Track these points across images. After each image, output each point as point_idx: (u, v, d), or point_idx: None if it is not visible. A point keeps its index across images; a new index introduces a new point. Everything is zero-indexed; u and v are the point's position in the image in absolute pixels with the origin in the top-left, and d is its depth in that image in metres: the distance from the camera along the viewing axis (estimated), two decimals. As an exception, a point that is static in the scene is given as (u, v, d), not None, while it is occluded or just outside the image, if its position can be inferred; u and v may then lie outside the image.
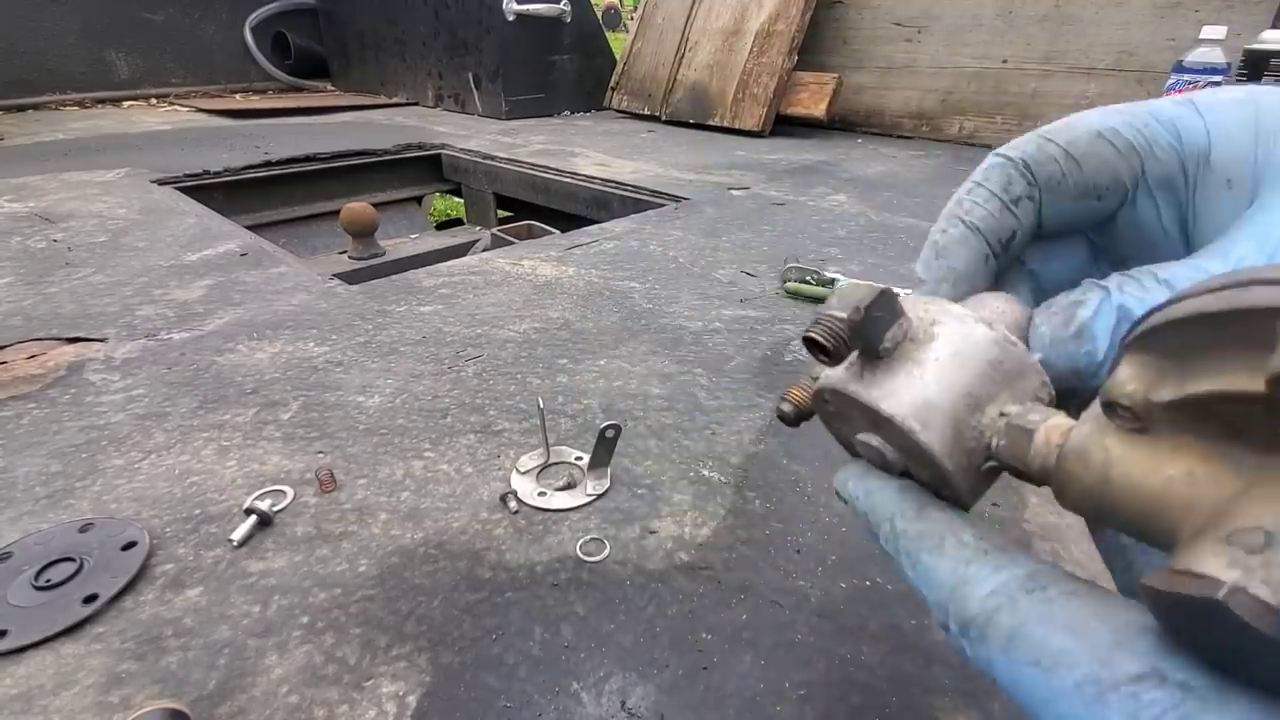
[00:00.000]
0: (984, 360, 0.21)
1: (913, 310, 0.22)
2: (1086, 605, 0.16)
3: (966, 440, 0.21)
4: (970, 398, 0.20)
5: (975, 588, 0.18)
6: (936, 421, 0.20)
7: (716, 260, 1.22)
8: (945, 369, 0.20)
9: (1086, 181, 0.23)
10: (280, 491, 0.61)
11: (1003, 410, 0.20)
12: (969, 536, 0.20)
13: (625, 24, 9.19)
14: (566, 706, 0.43)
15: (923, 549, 0.20)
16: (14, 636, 0.47)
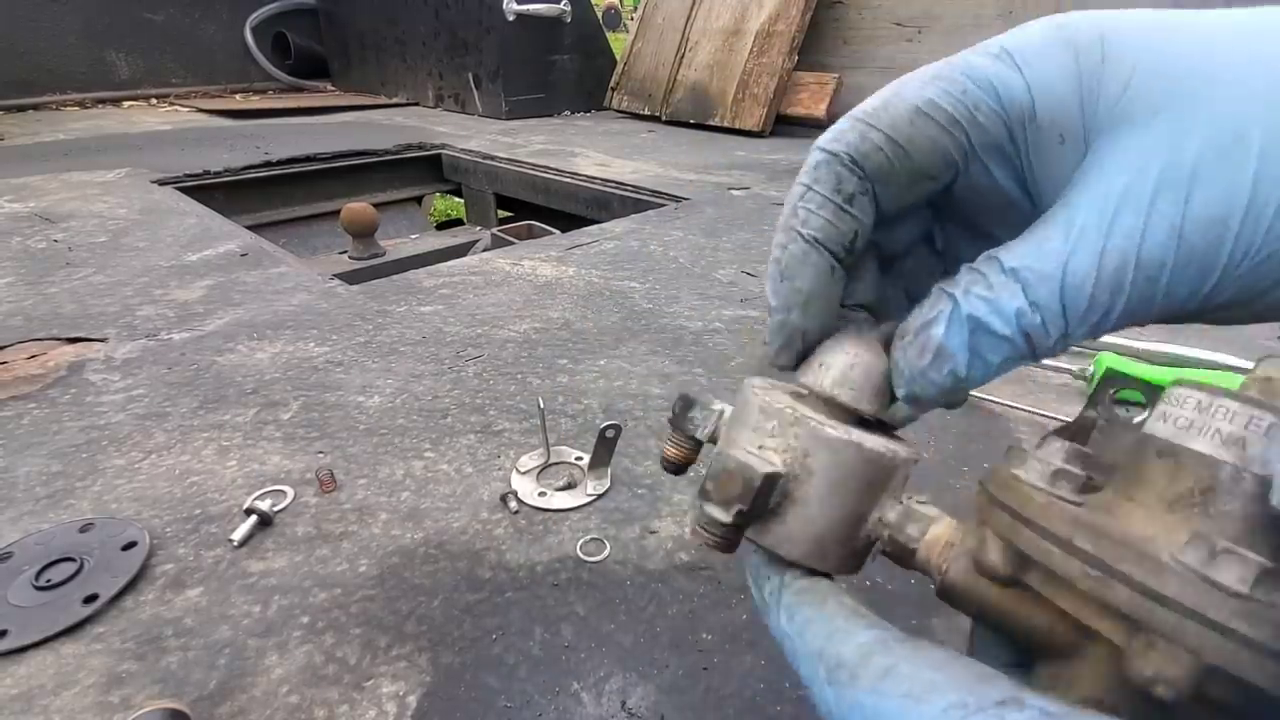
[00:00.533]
0: (860, 482, 0.22)
1: (780, 431, 0.22)
2: (952, 655, 0.17)
3: (855, 546, 0.23)
4: (853, 519, 0.22)
5: (852, 635, 0.19)
6: (831, 554, 0.22)
7: (717, 260, 1.22)
8: (827, 504, 0.22)
9: (916, 167, 0.22)
10: (280, 491, 0.61)
11: (882, 518, 0.22)
12: (848, 600, 0.21)
13: (625, 24, 9.19)
14: (567, 706, 0.43)
15: (805, 603, 0.21)
16: (14, 636, 0.47)
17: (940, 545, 0.21)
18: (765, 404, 0.23)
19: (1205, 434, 0.17)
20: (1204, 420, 0.17)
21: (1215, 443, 0.16)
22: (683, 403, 0.26)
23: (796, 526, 0.22)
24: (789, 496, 0.22)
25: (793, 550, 0.23)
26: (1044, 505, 0.17)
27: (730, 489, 0.21)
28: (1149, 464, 0.18)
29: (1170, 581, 0.14)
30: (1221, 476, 0.16)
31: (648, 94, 2.83)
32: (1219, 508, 0.16)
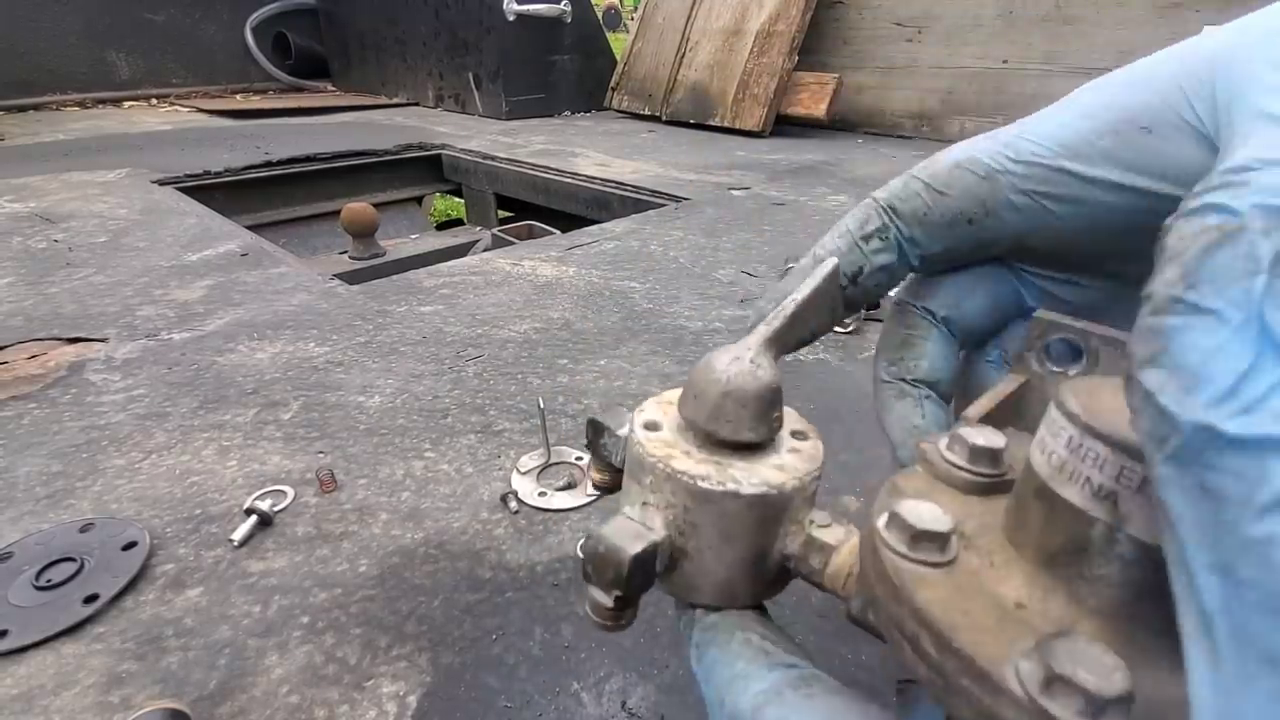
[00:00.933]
0: (750, 525, 0.21)
1: (658, 487, 0.21)
2: (845, 702, 0.17)
3: (767, 577, 0.22)
4: (755, 558, 0.21)
5: (750, 683, 0.19)
6: (742, 592, 0.22)
7: (717, 260, 1.22)
8: (723, 553, 0.21)
9: (952, 208, 0.24)
10: (281, 491, 0.61)
11: (783, 551, 0.21)
12: (755, 636, 0.21)
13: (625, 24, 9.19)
14: (567, 706, 0.43)
15: (713, 643, 0.21)
16: (14, 636, 0.47)
17: (843, 577, 0.20)
18: (640, 455, 0.21)
19: (1076, 481, 0.15)
20: (1074, 464, 0.15)
21: (1085, 494, 0.15)
22: (593, 429, 0.25)
23: (697, 576, 0.22)
24: (682, 551, 0.21)
25: (701, 596, 0.22)
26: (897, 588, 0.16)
27: (605, 574, 0.20)
28: (1029, 504, 0.16)
29: (1005, 707, 0.13)
30: (1093, 536, 0.15)
31: (648, 94, 2.83)
32: (1094, 571, 0.15)
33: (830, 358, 0.88)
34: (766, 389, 0.21)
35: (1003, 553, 0.16)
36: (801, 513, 0.21)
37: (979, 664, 0.14)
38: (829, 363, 0.87)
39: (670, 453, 0.21)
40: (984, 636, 0.14)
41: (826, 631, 0.48)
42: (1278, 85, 0.16)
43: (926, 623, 0.15)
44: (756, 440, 0.21)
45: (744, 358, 0.21)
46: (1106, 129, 0.21)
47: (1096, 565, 0.15)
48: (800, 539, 0.21)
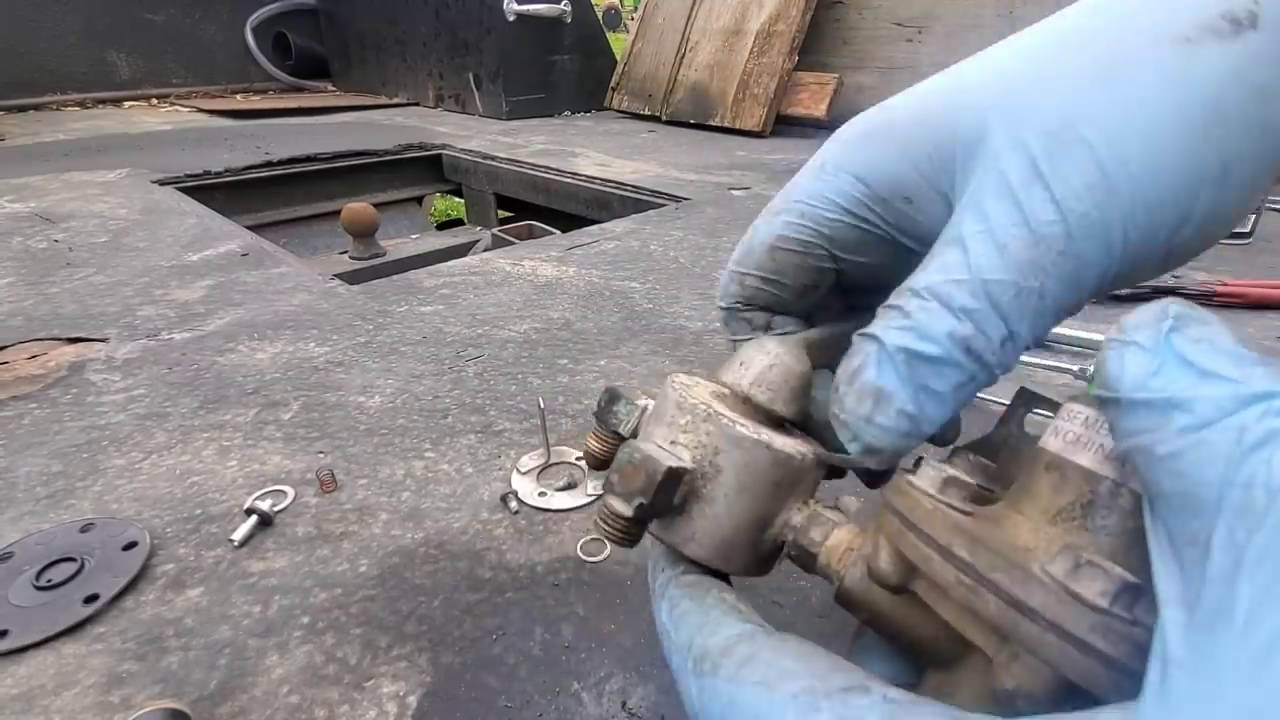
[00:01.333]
0: (768, 484, 0.22)
1: (693, 427, 0.22)
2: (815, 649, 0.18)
3: (761, 550, 0.23)
4: (760, 520, 0.22)
5: (723, 628, 0.20)
6: (736, 557, 0.23)
7: (717, 260, 1.22)
8: (734, 504, 0.22)
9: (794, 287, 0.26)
10: (281, 491, 0.61)
11: (788, 522, 0.22)
12: (731, 596, 0.22)
13: (625, 24, 9.19)
14: (567, 706, 0.43)
15: (688, 595, 0.22)
16: (15, 636, 0.47)
17: (840, 551, 0.21)
18: (681, 399, 0.23)
19: (1090, 449, 0.17)
20: (1090, 436, 0.17)
21: (1098, 458, 0.17)
22: (608, 396, 0.26)
23: (702, 525, 0.22)
24: (696, 493, 0.22)
25: (697, 550, 0.22)
26: (930, 512, 0.17)
27: (633, 482, 0.21)
28: (1038, 477, 0.18)
29: (1035, 592, 0.14)
30: (1101, 491, 0.16)
31: (648, 94, 2.83)
32: (1097, 521, 0.16)
33: (830, 358, 0.88)
34: (804, 373, 0.24)
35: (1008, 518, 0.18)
36: (810, 493, 0.23)
37: (1010, 556, 0.15)
38: (829, 363, 0.87)
39: (710, 400, 0.23)
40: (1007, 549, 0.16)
41: (826, 631, 0.48)
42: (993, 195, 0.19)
43: (961, 530, 0.16)
44: (786, 415, 0.24)
45: (791, 344, 0.24)
46: (878, 198, 0.23)
47: (1100, 516, 0.16)
48: (806, 513, 0.22)
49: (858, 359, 0.21)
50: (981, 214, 0.19)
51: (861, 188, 0.23)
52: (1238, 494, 0.12)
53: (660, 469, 0.21)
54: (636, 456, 0.21)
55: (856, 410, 0.20)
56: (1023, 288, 0.19)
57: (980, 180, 0.20)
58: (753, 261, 0.26)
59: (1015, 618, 0.15)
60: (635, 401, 0.26)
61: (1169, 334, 0.14)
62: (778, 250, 0.25)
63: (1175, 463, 0.13)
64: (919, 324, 0.19)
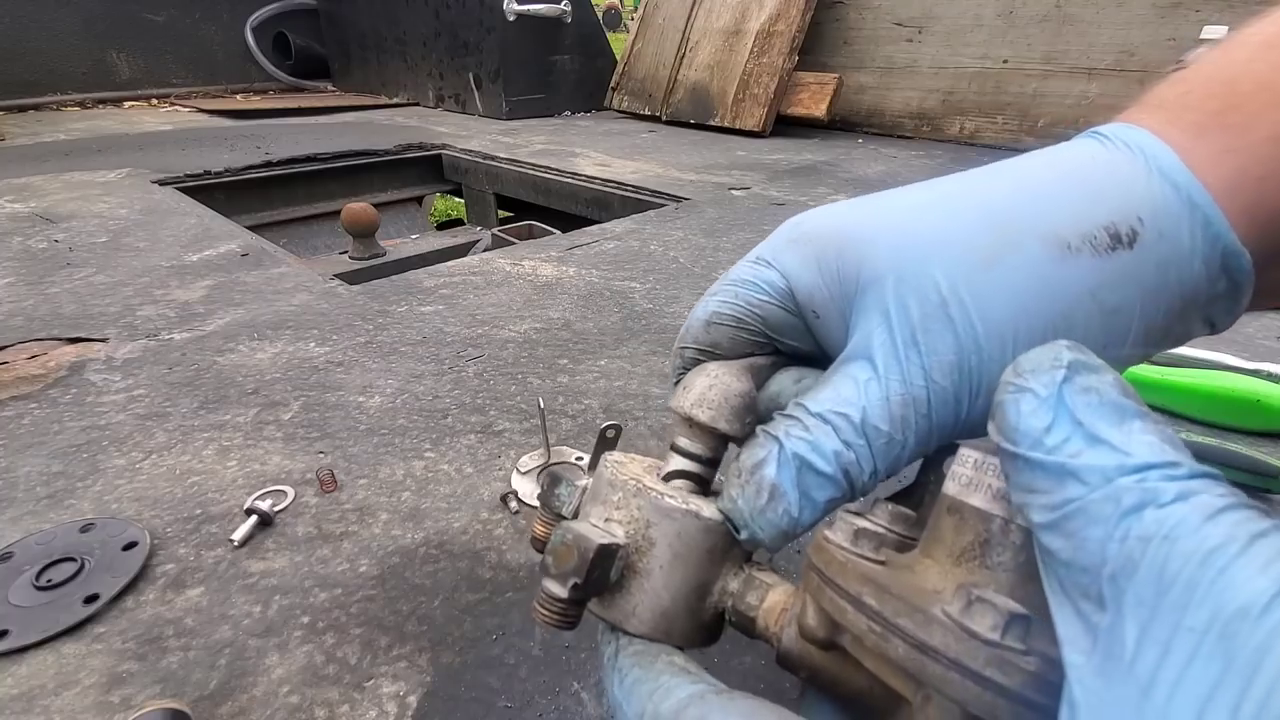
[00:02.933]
0: (701, 551, 0.22)
1: (624, 503, 0.23)
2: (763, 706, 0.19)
3: (703, 618, 0.23)
4: (698, 589, 0.23)
5: (673, 692, 0.20)
6: (678, 628, 0.23)
7: (717, 260, 1.22)
8: (671, 575, 0.22)
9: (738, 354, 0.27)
10: (281, 491, 0.61)
11: (725, 588, 0.23)
12: (679, 660, 0.22)
13: (626, 24, 9.19)
14: (567, 706, 0.43)
15: (637, 664, 0.22)
16: (15, 636, 0.47)
17: (776, 612, 0.22)
18: (613, 477, 0.23)
19: (981, 490, 0.18)
20: (979, 477, 0.18)
21: (988, 497, 0.18)
22: (549, 479, 0.27)
23: (641, 599, 0.23)
24: (632, 568, 0.23)
25: (639, 625, 0.23)
26: (842, 565, 0.18)
27: (566, 562, 0.21)
28: (942, 521, 0.19)
29: (936, 633, 0.15)
30: (993, 529, 0.18)
31: (648, 94, 2.83)
32: (994, 559, 0.17)
33: (830, 358, 0.88)
34: (746, 391, 0.24)
35: (920, 564, 0.19)
36: (745, 556, 0.24)
37: (913, 601, 0.16)
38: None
39: (641, 475, 0.24)
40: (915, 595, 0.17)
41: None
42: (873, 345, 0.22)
43: (869, 580, 0.18)
44: (729, 432, 0.24)
45: (731, 366, 0.25)
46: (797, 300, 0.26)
47: (996, 554, 0.17)
48: (741, 577, 0.23)
49: (760, 453, 0.23)
50: (871, 363, 0.22)
51: (785, 283, 0.26)
52: (1114, 548, 0.14)
53: (592, 547, 0.21)
54: (569, 537, 0.21)
55: (753, 502, 0.22)
56: (894, 440, 0.22)
57: (871, 327, 0.23)
58: (690, 337, 0.28)
59: (921, 659, 0.16)
60: (576, 483, 0.26)
61: (1061, 384, 0.16)
62: (713, 325, 0.27)
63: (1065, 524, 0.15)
64: (815, 440, 0.22)
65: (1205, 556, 0.13)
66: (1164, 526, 0.13)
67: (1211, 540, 0.13)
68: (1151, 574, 0.13)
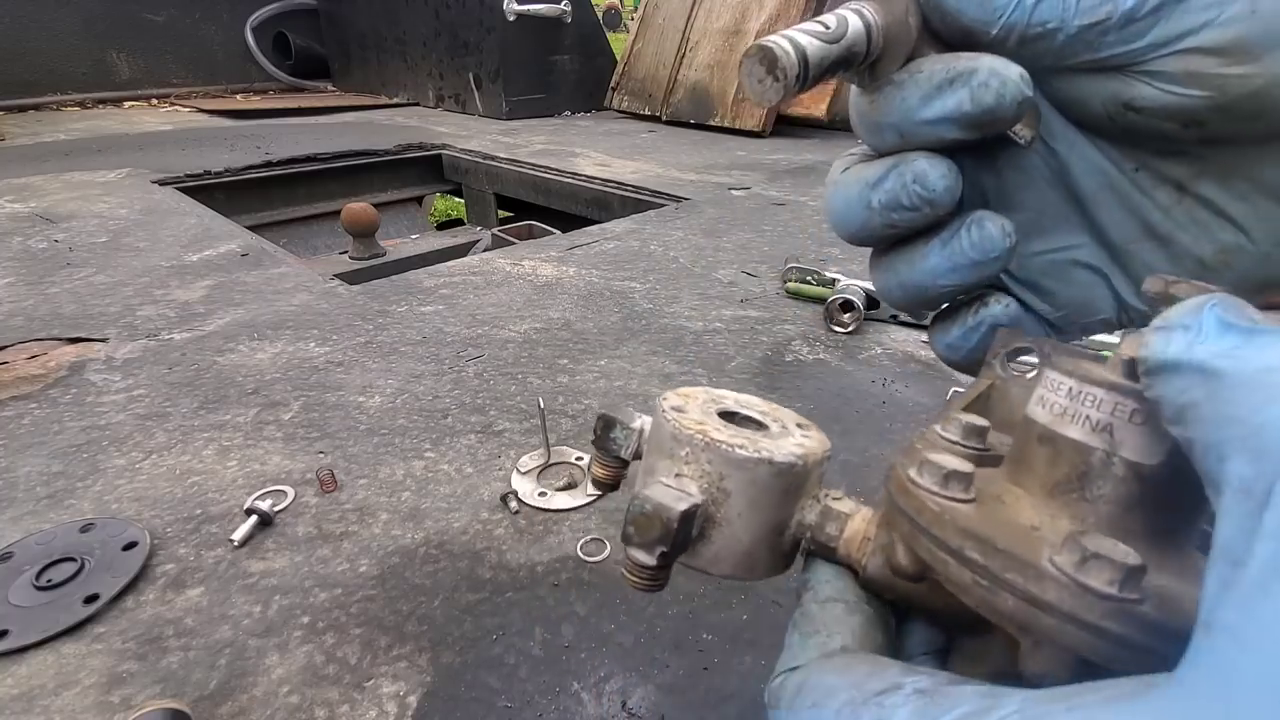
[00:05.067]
0: (776, 494, 0.23)
1: (694, 457, 0.23)
2: (856, 658, 0.19)
3: (781, 550, 0.24)
4: (776, 528, 0.23)
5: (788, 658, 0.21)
6: (760, 565, 0.24)
7: (717, 260, 1.22)
8: (749, 521, 0.23)
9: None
10: (281, 491, 0.61)
11: (801, 521, 0.23)
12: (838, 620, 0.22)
13: (626, 24, 9.18)
14: (567, 706, 0.43)
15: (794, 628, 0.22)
16: (15, 636, 0.47)
17: (858, 541, 0.22)
18: (676, 431, 0.23)
19: (1077, 421, 0.18)
20: (1075, 407, 0.18)
21: (1086, 429, 0.18)
22: (603, 423, 0.26)
23: (723, 545, 0.23)
24: (711, 519, 0.23)
25: (724, 568, 0.23)
26: (937, 515, 0.18)
27: (650, 531, 0.21)
28: (1031, 448, 0.19)
29: (1049, 588, 0.15)
30: (1093, 462, 0.17)
31: (648, 94, 2.83)
32: (1094, 492, 0.17)
33: (830, 358, 0.88)
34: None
35: (1010, 494, 0.19)
36: (817, 488, 0.24)
37: (1022, 556, 0.16)
38: (829, 363, 0.87)
39: (704, 428, 0.23)
40: (1017, 543, 0.16)
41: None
42: None
43: (971, 534, 0.17)
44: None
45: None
46: None
47: (1096, 487, 0.17)
48: (818, 509, 0.23)
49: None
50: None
51: None
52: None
53: (674, 514, 0.21)
54: (648, 507, 0.22)
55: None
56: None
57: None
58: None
59: (1033, 612, 0.16)
60: (630, 425, 0.26)
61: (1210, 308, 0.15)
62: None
63: (1232, 408, 0.13)
64: None
65: None
66: None
67: None
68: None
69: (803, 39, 0.20)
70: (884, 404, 0.77)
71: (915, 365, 0.86)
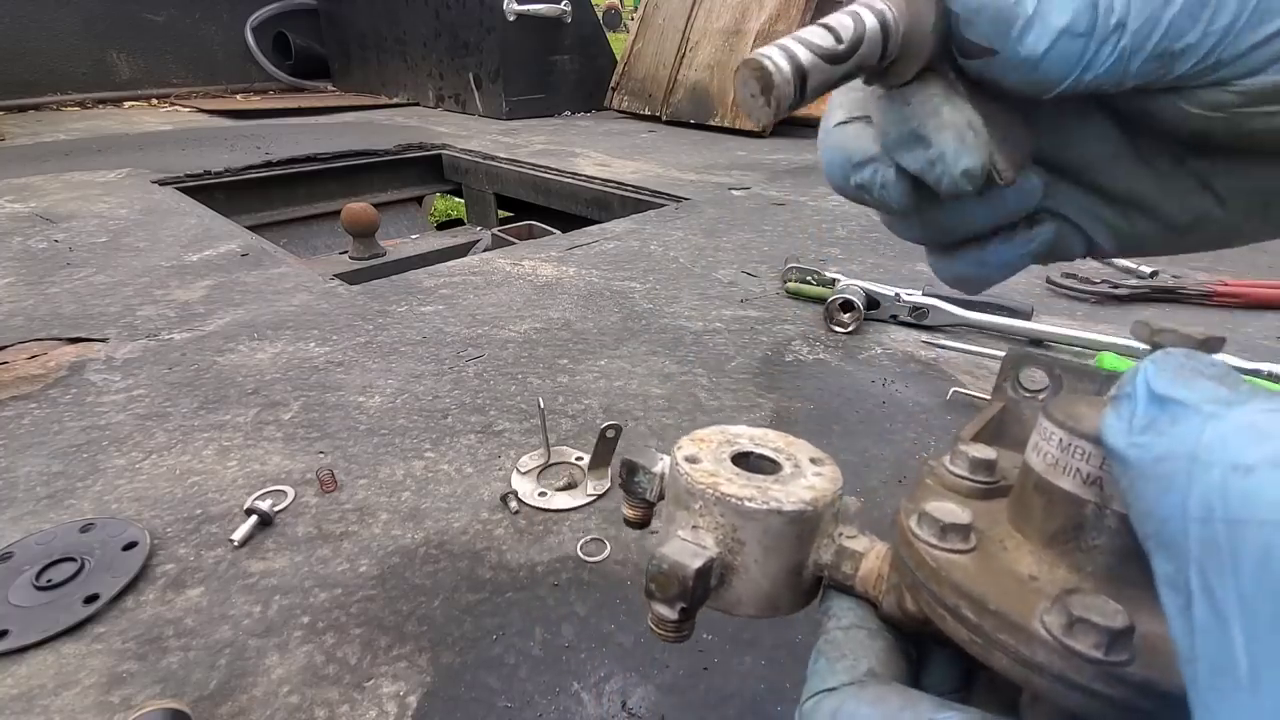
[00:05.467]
0: (790, 540, 0.23)
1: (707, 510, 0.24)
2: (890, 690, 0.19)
3: (802, 588, 0.25)
4: (793, 569, 0.24)
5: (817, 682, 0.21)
6: (783, 603, 0.25)
7: (717, 260, 1.22)
8: (767, 566, 0.24)
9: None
10: (281, 491, 0.61)
11: (818, 561, 0.24)
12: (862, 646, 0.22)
13: (626, 24, 9.18)
14: (567, 706, 0.43)
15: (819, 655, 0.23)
16: (15, 636, 0.47)
17: (873, 579, 0.23)
18: (689, 484, 0.24)
19: (1068, 473, 0.18)
20: (1066, 459, 0.18)
21: (1077, 482, 0.18)
22: (627, 469, 0.28)
23: (744, 590, 0.24)
24: (730, 567, 0.24)
25: (747, 609, 0.25)
26: (934, 570, 0.19)
27: (670, 588, 0.23)
28: (1029, 495, 0.20)
29: (1039, 651, 0.16)
30: (1087, 514, 0.18)
31: (648, 94, 2.83)
32: (1089, 542, 0.18)
33: (830, 358, 0.88)
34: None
35: (1011, 539, 0.19)
36: (831, 526, 0.24)
37: (1012, 619, 0.17)
38: (829, 363, 0.87)
39: (716, 480, 0.24)
40: (1011, 600, 0.17)
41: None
42: None
43: (965, 593, 0.18)
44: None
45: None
46: None
47: (1090, 538, 0.18)
48: (833, 549, 0.24)
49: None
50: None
51: None
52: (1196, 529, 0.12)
53: (690, 573, 0.22)
54: (665, 566, 0.23)
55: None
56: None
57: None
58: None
59: (1025, 673, 0.16)
60: (652, 470, 0.27)
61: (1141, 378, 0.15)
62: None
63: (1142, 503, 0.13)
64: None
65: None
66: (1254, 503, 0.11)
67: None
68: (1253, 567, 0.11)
69: (804, 55, 0.18)
70: (884, 404, 0.77)
71: (915, 365, 0.86)
